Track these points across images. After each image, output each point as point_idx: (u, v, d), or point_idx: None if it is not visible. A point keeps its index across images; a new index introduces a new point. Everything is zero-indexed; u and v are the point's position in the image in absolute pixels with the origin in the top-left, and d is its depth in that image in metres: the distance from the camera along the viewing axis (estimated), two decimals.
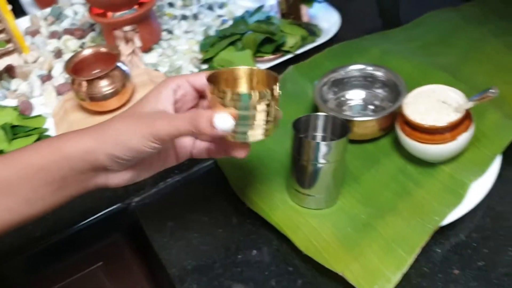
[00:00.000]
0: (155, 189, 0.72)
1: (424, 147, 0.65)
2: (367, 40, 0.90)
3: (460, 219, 0.61)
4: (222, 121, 0.47)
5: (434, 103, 0.67)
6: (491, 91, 0.63)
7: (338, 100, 0.78)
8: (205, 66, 0.92)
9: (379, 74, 0.75)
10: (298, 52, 0.90)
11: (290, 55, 0.90)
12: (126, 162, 0.52)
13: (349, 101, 0.78)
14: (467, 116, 0.65)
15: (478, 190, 0.63)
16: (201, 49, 0.94)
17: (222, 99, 0.48)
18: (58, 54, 0.98)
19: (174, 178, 0.73)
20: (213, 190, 0.71)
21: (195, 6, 1.07)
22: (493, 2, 0.97)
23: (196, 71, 0.92)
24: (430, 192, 0.64)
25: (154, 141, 0.49)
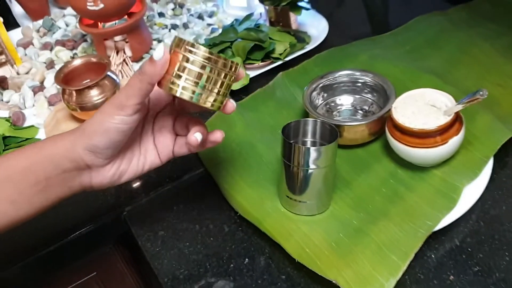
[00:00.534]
0: (146, 198, 0.72)
1: (415, 151, 0.65)
2: (355, 46, 0.91)
3: (454, 224, 0.61)
4: (157, 51, 0.49)
5: (423, 106, 0.67)
6: (480, 93, 0.63)
7: (327, 106, 0.78)
8: None
9: (367, 79, 0.76)
10: (287, 59, 0.91)
11: (279, 62, 0.90)
12: (105, 152, 0.53)
13: (338, 106, 0.78)
14: (458, 119, 0.65)
15: (471, 193, 0.63)
16: None
17: (180, 51, 0.49)
18: (50, 65, 0.98)
19: (165, 187, 0.73)
20: (204, 198, 0.71)
21: (185, 15, 1.08)
22: (481, 5, 0.98)
23: None
24: (422, 196, 0.64)
25: (118, 112, 0.51)
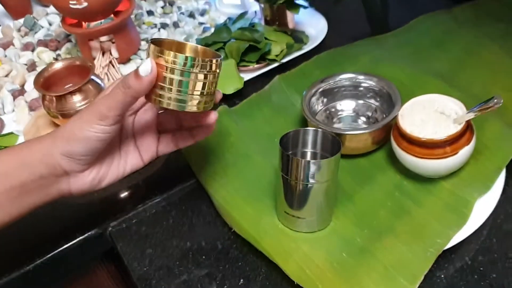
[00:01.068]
0: (133, 212, 0.67)
1: (422, 162, 0.60)
2: (356, 46, 0.86)
3: (464, 240, 0.57)
4: (144, 67, 0.47)
5: (432, 114, 0.62)
6: (495, 101, 0.58)
7: (327, 112, 0.73)
8: None
9: (371, 83, 0.71)
10: (284, 60, 0.86)
11: (275, 64, 0.85)
12: (83, 158, 0.51)
13: (339, 113, 0.74)
14: (468, 127, 0.61)
15: (482, 208, 0.59)
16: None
17: (161, 62, 0.48)
18: (31, 66, 0.92)
19: (154, 200, 0.68)
20: (196, 212, 0.66)
21: (175, 14, 1.02)
22: (488, 4, 0.93)
23: None
24: (430, 211, 0.59)
25: (99, 122, 0.49)
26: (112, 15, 0.88)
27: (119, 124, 0.51)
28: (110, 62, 0.88)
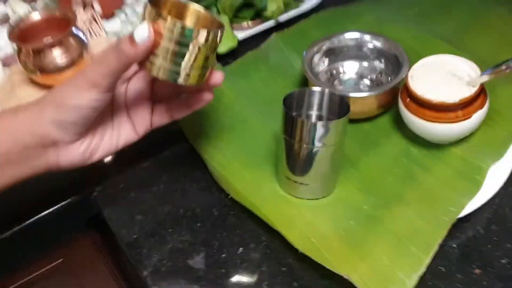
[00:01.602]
0: (120, 176, 0.62)
1: (433, 126, 0.57)
2: (358, 6, 0.81)
3: (476, 209, 0.54)
4: (140, 32, 0.43)
5: (443, 76, 0.58)
6: (511, 64, 0.54)
7: (329, 73, 0.69)
8: None
9: (377, 44, 0.66)
10: (281, 19, 0.80)
11: (271, 22, 0.80)
12: (74, 127, 0.47)
13: (341, 74, 0.69)
14: (482, 91, 0.57)
15: (495, 175, 0.56)
16: None
17: (157, 27, 0.43)
18: (4, 20, 0.85)
19: (143, 163, 0.63)
20: (188, 176, 0.62)
21: None
22: None
23: None
24: (440, 178, 0.56)
25: (90, 89, 0.45)
26: None
27: (111, 92, 0.47)
28: (93, 17, 0.82)
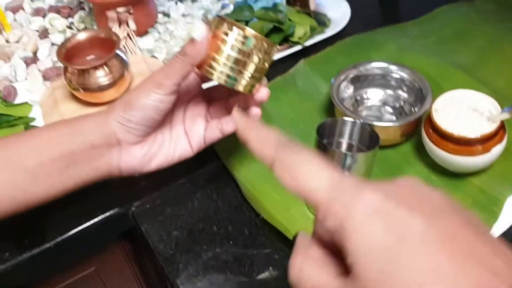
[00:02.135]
0: (156, 193, 0.66)
1: (454, 158, 0.60)
2: (380, 34, 0.85)
3: None
4: (197, 31, 0.48)
5: (465, 110, 0.62)
6: None
7: (353, 99, 0.73)
8: None
9: (403, 75, 0.70)
10: (306, 43, 0.84)
11: (298, 47, 0.84)
12: (138, 127, 0.51)
13: (365, 101, 0.73)
14: (501, 126, 0.61)
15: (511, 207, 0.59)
16: None
17: (220, 34, 0.49)
18: (43, 33, 0.89)
19: (178, 181, 0.67)
20: (221, 194, 0.65)
21: None
22: None
23: None
24: None
25: (155, 90, 0.50)
26: None
27: (174, 96, 0.52)
28: (128, 34, 0.86)
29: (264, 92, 0.54)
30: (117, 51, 0.70)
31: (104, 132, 0.51)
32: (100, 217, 0.64)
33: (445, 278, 0.25)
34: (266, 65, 0.51)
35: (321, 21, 0.87)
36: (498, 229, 0.57)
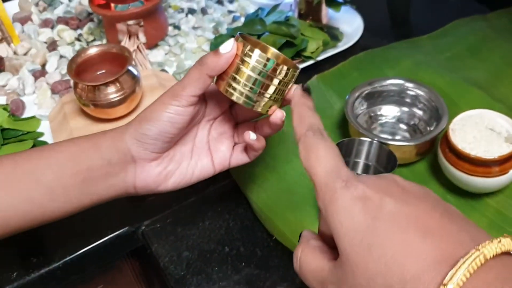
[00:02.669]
0: (166, 212, 0.65)
1: (471, 179, 0.59)
2: (394, 49, 0.84)
3: None
4: (226, 44, 0.47)
5: (483, 131, 0.61)
6: None
7: (367, 115, 0.71)
8: None
9: (419, 92, 0.69)
10: (319, 58, 0.83)
11: (311, 61, 0.83)
12: (153, 142, 0.50)
13: (380, 117, 0.72)
14: None
15: None
16: (212, 49, 0.86)
17: (245, 56, 0.47)
18: (52, 46, 0.88)
19: (189, 199, 0.66)
20: (232, 213, 0.64)
21: None
22: None
23: None
24: None
25: (172, 102, 0.49)
26: None
27: (192, 109, 0.50)
28: (138, 47, 0.85)
29: (278, 114, 0.52)
30: (129, 68, 0.69)
31: (120, 149, 0.50)
32: (110, 236, 0.63)
33: (413, 248, 0.31)
34: (288, 86, 0.50)
35: (333, 35, 0.86)
36: None
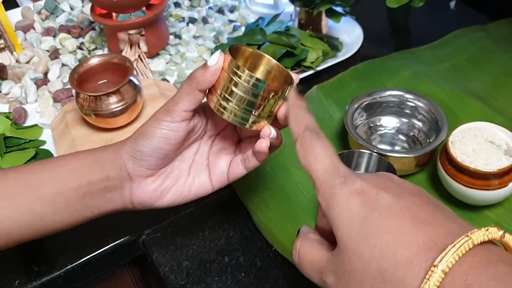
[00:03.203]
0: (168, 220, 0.65)
1: (470, 191, 0.59)
2: (393, 59, 0.84)
3: None
4: (213, 57, 0.47)
5: (482, 143, 0.61)
6: None
7: (367, 126, 0.72)
8: None
9: (418, 104, 0.69)
10: (319, 68, 0.84)
11: (310, 71, 0.83)
12: (147, 159, 0.50)
13: (379, 128, 0.72)
14: None
15: None
16: None
17: (234, 75, 0.46)
18: (54, 54, 0.89)
19: (188, 209, 0.66)
20: (232, 223, 0.65)
21: (203, 8, 0.99)
22: None
23: None
24: None
25: (165, 118, 0.49)
26: (144, 8, 0.85)
27: (185, 124, 0.49)
28: (139, 56, 0.86)
29: (266, 131, 0.50)
30: (131, 78, 0.69)
31: (117, 165, 0.51)
32: (111, 244, 0.63)
33: (406, 236, 0.33)
34: (279, 103, 0.49)
35: (333, 45, 0.87)
36: None
